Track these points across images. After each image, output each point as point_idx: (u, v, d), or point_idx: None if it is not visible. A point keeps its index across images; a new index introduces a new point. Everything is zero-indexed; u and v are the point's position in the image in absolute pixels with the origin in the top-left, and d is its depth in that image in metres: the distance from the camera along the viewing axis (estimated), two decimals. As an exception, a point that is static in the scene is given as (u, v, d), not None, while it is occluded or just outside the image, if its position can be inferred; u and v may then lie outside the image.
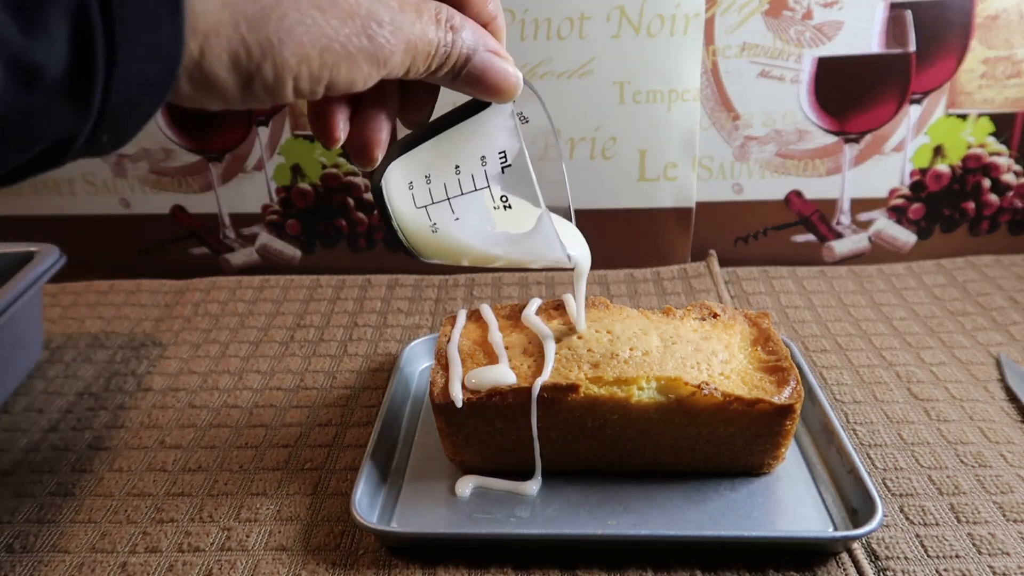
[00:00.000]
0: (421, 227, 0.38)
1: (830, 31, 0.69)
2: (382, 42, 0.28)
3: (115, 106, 0.22)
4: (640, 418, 0.44)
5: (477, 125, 0.36)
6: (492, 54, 0.32)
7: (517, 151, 0.36)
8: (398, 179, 0.38)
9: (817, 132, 0.72)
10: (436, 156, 0.37)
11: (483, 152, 0.36)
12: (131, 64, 0.22)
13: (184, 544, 0.44)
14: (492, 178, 0.37)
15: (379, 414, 0.50)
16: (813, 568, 0.41)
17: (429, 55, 0.30)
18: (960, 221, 0.75)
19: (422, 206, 0.38)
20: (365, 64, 0.28)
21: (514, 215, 0.38)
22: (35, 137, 0.22)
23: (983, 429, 0.50)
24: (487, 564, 0.42)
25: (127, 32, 0.21)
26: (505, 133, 0.36)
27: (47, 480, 0.49)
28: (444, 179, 0.37)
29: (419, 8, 0.29)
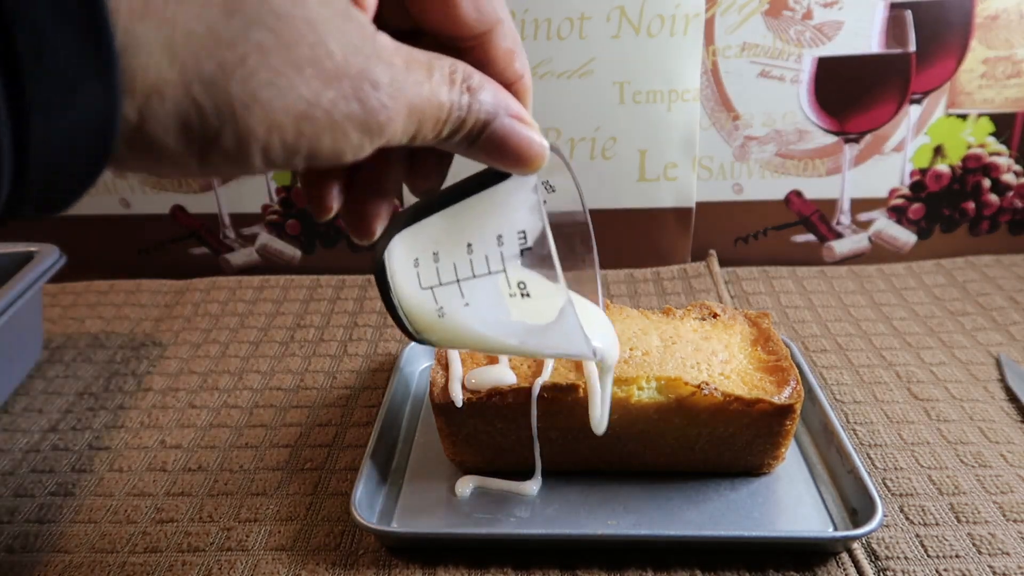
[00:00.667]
0: (426, 310, 0.34)
1: (830, 31, 0.69)
2: (376, 106, 0.23)
3: (36, 181, 0.19)
4: (640, 418, 0.44)
5: (495, 198, 0.31)
6: (515, 119, 0.27)
7: (539, 233, 0.31)
8: (402, 254, 0.33)
9: (817, 132, 0.72)
10: (446, 231, 0.32)
11: (500, 231, 0.31)
12: (49, 135, 0.18)
13: (184, 544, 0.44)
14: (509, 260, 0.32)
15: (379, 414, 0.50)
16: (813, 568, 0.41)
17: (439, 120, 0.25)
18: (960, 221, 0.75)
19: (428, 287, 0.33)
20: (355, 133, 0.23)
21: (533, 303, 0.33)
22: None
23: (983, 429, 0.50)
24: (487, 564, 0.42)
25: (38, 95, 0.17)
26: (526, 210, 0.31)
27: (47, 480, 0.49)
28: (454, 258, 0.32)
29: (430, 66, 0.25)
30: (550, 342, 0.34)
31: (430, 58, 0.25)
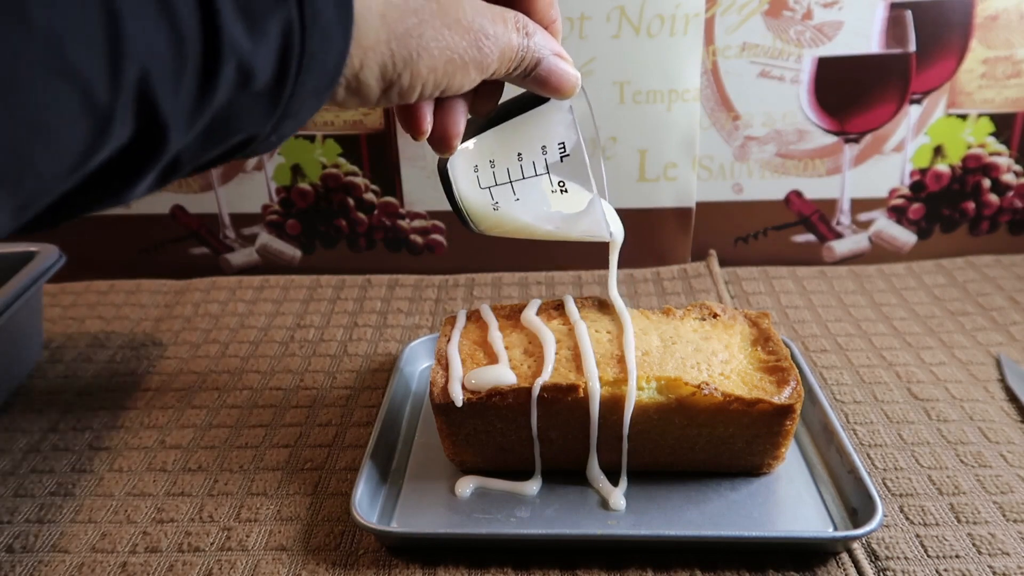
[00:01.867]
0: (483, 205, 0.43)
1: (830, 31, 0.69)
2: (488, 52, 0.32)
3: (291, 110, 0.26)
4: (640, 418, 0.44)
5: (538, 117, 0.40)
6: (558, 57, 0.36)
7: (575, 143, 0.40)
8: (463, 162, 0.42)
9: (817, 132, 0.72)
10: (500, 143, 0.41)
11: (544, 142, 0.41)
12: (310, 74, 0.25)
13: (184, 544, 0.44)
14: (551, 165, 0.41)
15: (379, 414, 0.50)
16: (813, 568, 0.41)
17: (512, 59, 0.34)
18: (960, 221, 0.75)
19: (486, 187, 0.42)
20: (473, 71, 0.32)
21: (568, 197, 0.43)
22: (235, 131, 0.25)
23: (983, 429, 0.50)
24: (487, 564, 0.42)
25: (312, 47, 0.25)
26: (564, 126, 0.40)
27: (47, 480, 0.49)
28: (507, 164, 0.41)
29: (504, 17, 0.33)
30: (580, 226, 0.44)
31: (502, 11, 0.33)
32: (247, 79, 0.23)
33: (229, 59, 0.22)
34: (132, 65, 0.20)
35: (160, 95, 0.21)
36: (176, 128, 0.22)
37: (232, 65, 0.23)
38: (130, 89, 0.20)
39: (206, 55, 0.22)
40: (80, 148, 0.20)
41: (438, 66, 0.30)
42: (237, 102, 0.24)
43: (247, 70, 0.23)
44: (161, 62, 0.21)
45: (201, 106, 0.23)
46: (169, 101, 0.21)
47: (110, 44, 0.19)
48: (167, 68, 0.21)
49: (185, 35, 0.21)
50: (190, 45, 0.21)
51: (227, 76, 0.23)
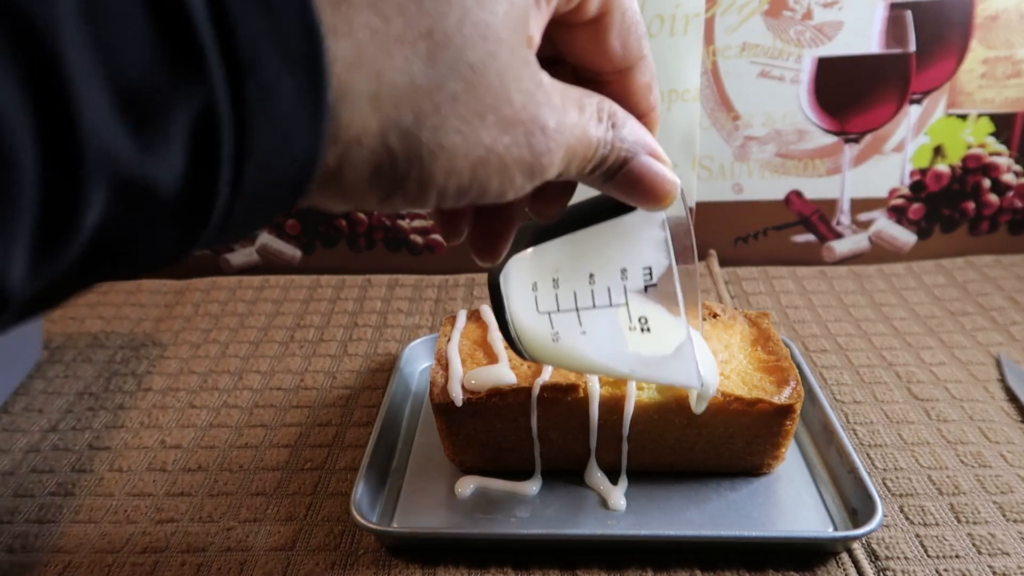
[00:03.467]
0: (540, 333, 0.34)
1: (830, 31, 0.69)
2: (543, 150, 0.23)
3: (231, 222, 0.19)
4: (640, 418, 0.44)
5: (620, 231, 0.31)
6: (651, 157, 0.27)
7: (665, 269, 0.31)
8: (520, 276, 0.34)
9: (817, 132, 0.72)
10: (567, 258, 0.33)
11: (624, 264, 0.32)
12: (257, 180, 0.18)
13: (184, 544, 0.44)
14: (631, 294, 0.32)
15: (379, 414, 0.50)
16: (813, 568, 0.41)
17: (587, 157, 0.26)
18: (960, 221, 0.75)
19: (545, 312, 0.34)
20: (520, 176, 0.23)
21: (651, 337, 0.33)
22: (134, 258, 0.18)
23: (983, 429, 0.50)
24: (487, 564, 0.42)
25: (259, 143, 0.18)
26: (652, 246, 0.31)
27: (47, 480, 0.49)
28: (575, 287, 0.33)
29: (581, 103, 0.25)
30: (662, 373, 0.35)
31: (580, 94, 0.25)
32: (139, 201, 0.16)
33: (96, 182, 0.15)
34: None
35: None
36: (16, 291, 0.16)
37: (103, 188, 0.15)
38: None
39: (54, 183, 0.15)
40: None
41: (462, 169, 0.22)
42: (125, 229, 0.17)
43: (134, 186, 0.16)
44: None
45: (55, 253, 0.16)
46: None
47: None
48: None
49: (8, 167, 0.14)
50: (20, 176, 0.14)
51: (96, 204, 0.16)
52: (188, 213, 0.17)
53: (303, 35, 0.17)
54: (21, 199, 0.14)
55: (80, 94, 0.14)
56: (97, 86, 0.14)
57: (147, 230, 0.17)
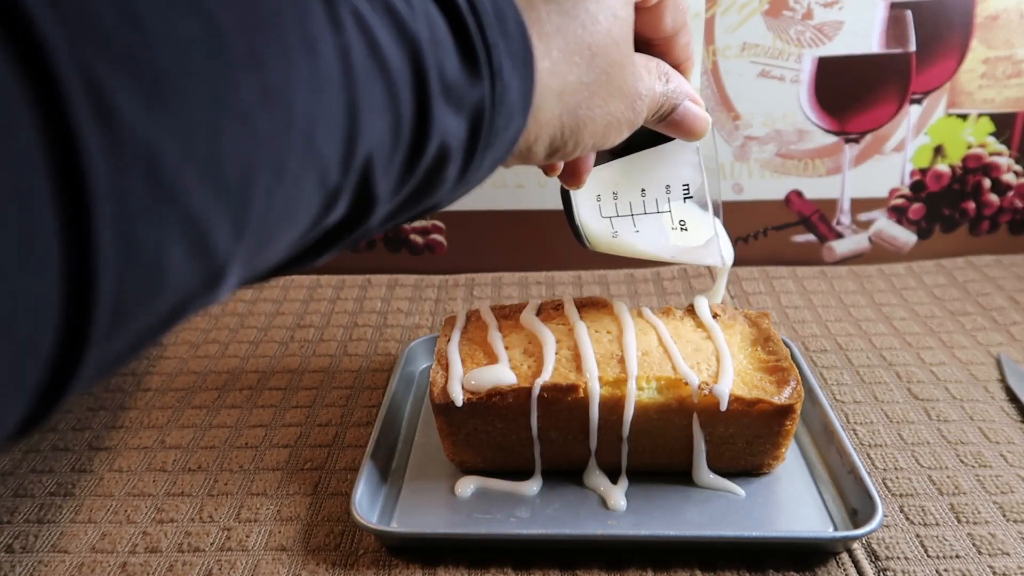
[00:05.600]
0: (602, 232, 0.44)
1: (830, 31, 0.69)
2: (641, 111, 0.33)
3: (469, 180, 0.27)
4: (640, 418, 0.44)
5: (664, 155, 0.41)
6: (692, 102, 0.37)
7: (699, 185, 0.41)
8: (586, 189, 0.42)
9: (817, 132, 0.72)
10: (624, 176, 0.42)
11: (668, 181, 0.41)
12: (491, 149, 0.26)
13: (184, 544, 0.44)
14: (673, 203, 0.42)
15: (379, 414, 0.50)
16: (813, 568, 0.41)
17: (653, 109, 0.35)
18: (960, 221, 0.75)
19: (607, 216, 0.43)
20: (626, 130, 0.33)
21: (687, 234, 0.44)
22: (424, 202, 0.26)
23: (983, 429, 0.50)
24: (487, 564, 0.42)
25: (498, 125, 0.26)
26: (690, 168, 0.41)
27: (47, 480, 0.49)
28: (630, 198, 0.42)
29: (648, 67, 0.34)
30: (694, 256, 0.45)
31: (646, 60, 0.35)
32: (445, 156, 0.24)
33: (434, 140, 0.23)
34: (362, 151, 0.21)
35: (377, 176, 0.22)
36: (382, 204, 0.23)
37: (435, 144, 0.24)
38: (356, 172, 0.21)
39: (416, 138, 0.23)
40: (306, 228, 0.21)
41: (599, 131, 0.31)
42: (432, 177, 0.25)
43: (446, 148, 0.24)
44: (383, 146, 0.22)
45: (403, 183, 0.24)
46: (382, 181, 0.22)
47: (349, 132, 0.20)
48: (386, 151, 0.22)
49: (403, 121, 0.22)
50: (405, 129, 0.22)
51: (429, 155, 0.24)
52: (460, 166, 0.26)
53: (524, 55, 0.26)
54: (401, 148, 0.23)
55: (432, 89, 0.23)
56: (437, 83, 0.23)
57: (441, 175, 0.25)
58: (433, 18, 0.23)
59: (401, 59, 0.22)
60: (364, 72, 0.20)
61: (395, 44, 0.21)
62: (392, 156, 0.22)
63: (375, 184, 0.22)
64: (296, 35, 0.19)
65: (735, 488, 0.45)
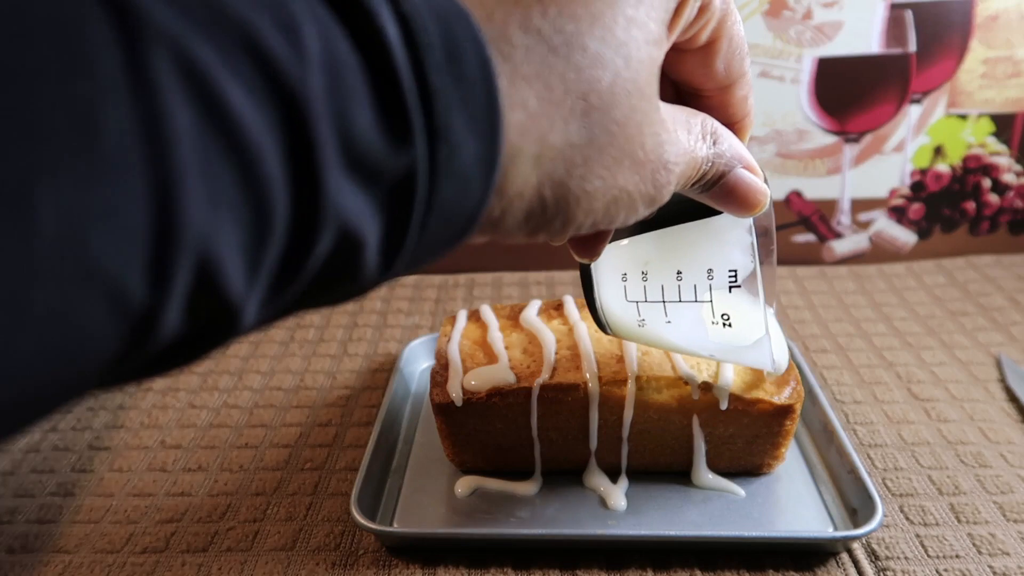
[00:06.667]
0: (627, 319, 0.36)
1: (830, 31, 0.69)
2: (664, 184, 0.25)
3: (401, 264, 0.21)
4: (640, 418, 0.44)
5: (709, 232, 0.33)
6: (746, 170, 0.29)
7: (750, 272, 0.33)
8: (610, 264, 0.35)
9: (817, 132, 0.72)
10: (657, 252, 0.34)
11: (711, 264, 0.33)
12: (433, 229, 0.20)
13: (184, 544, 0.44)
14: (716, 292, 0.34)
15: (379, 414, 0.50)
16: (813, 568, 0.41)
17: (691, 177, 0.27)
18: (960, 221, 0.75)
19: (633, 301, 0.36)
20: (642, 207, 0.26)
21: (731, 331, 0.35)
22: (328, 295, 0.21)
23: (983, 429, 0.50)
24: (487, 564, 0.42)
25: (442, 197, 0.20)
26: (739, 250, 0.33)
27: (47, 480, 0.49)
28: (662, 280, 0.34)
29: (688, 125, 0.27)
30: (739, 358, 0.37)
31: (687, 116, 0.27)
32: (352, 245, 0.18)
33: (327, 227, 0.17)
34: (186, 255, 0.15)
35: (227, 283, 0.16)
36: (249, 312, 0.18)
37: (331, 232, 0.18)
38: (184, 283, 0.15)
39: (297, 226, 0.17)
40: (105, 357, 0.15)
41: (598, 208, 0.24)
42: (336, 270, 0.19)
43: (352, 235, 0.18)
44: (232, 245, 0.16)
45: (284, 282, 0.18)
46: (239, 287, 0.17)
47: (157, 233, 0.15)
48: (240, 250, 0.16)
49: (270, 207, 0.16)
50: (275, 217, 0.17)
51: (324, 246, 0.18)
52: (383, 253, 0.20)
53: (486, 105, 0.20)
54: (271, 242, 0.17)
55: (325, 159, 0.17)
56: (335, 150, 0.17)
57: (351, 269, 0.19)
58: (338, 58, 0.17)
59: (266, 123, 0.16)
60: (189, 147, 0.15)
61: (257, 102, 0.16)
62: (255, 253, 0.17)
63: (225, 292, 0.16)
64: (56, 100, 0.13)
65: (735, 488, 0.45)
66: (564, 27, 0.22)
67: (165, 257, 0.15)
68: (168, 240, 0.15)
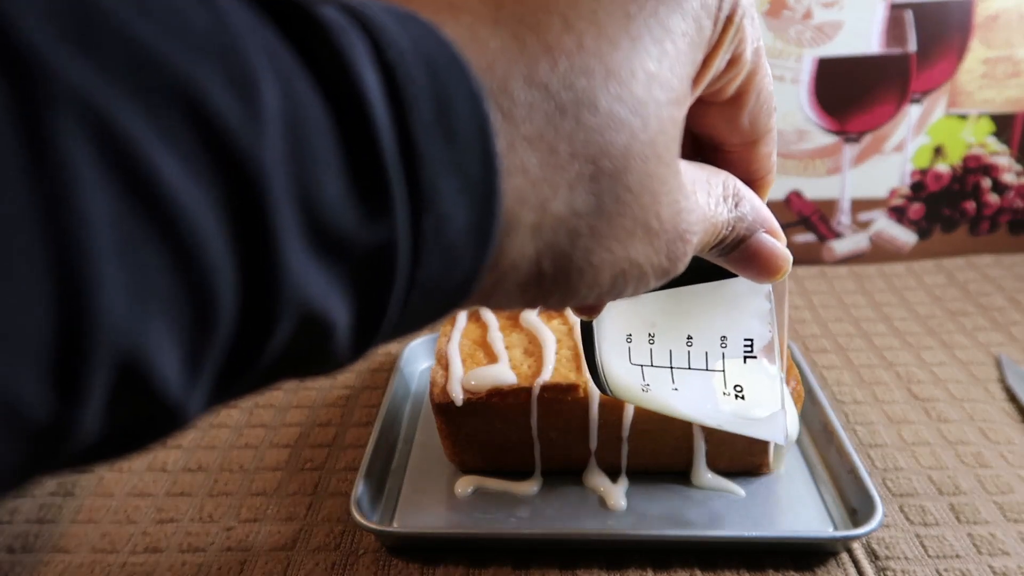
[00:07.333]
0: (630, 381, 0.34)
1: (830, 31, 0.69)
2: (680, 256, 0.23)
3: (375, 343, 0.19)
4: (640, 418, 0.44)
5: (724, 296, 0.30)
6: (768, 235, 0.27)
7: (767, 343, 0.30)
8: (614, 323, 0.33)
9: (817, 132, 0.72)
10: (665, 314, 0.32)
11: (725, 331, 0.31)
12: (420, 302, 0.18)
13: (184, 544, 0.44)
14: (729, 361, 0.31)
15: (379, 414, 0.50)
16: (813, 568, 0.41)
17: (709, 243, 0.25)
18: (960, 221, 0.76)
19: (638, 364, 0.33)
20: (654, 280, 0.23)
21: (743, 404, 0.33)
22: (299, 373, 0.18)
23: (983, 429, 0.50)
24: (487, 564, 0.42)
25: (427, 272, 0.17)
26: (756, 319, 0.30)
27: (47, 480, 0.49)
28: (671, 345, 0.32)
29: (708, 185, 0.24)
30: (750, 430, 0.34)
31: (707, 175, 0.24)
32: (317, 329, 0.16)
33: (286, 313, 0.15)
34: (104, 357, 0.13)
35: (162, 384, 0.14)
36: (193, 407, 0.15)
37: (290, 319, 0.15)
38: (102, 387, 0.13)
39: (249, 315, 0.15)
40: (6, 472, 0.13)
41: (602, 283, 0.21)
42: (298, 352, 0.17)
43: (317, 319, 0.16)
44: (165, 343, 0.14)
45: (238, 375, 0.16)
46: (177, 387, 0.14)
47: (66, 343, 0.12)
48: (175, 348, 0.14)
49: (212, 293, 0.14)
50: (221, 306, 0.14)
51: (282, 333, 0.16)
52: (356, 335, 0.17)
53: (482, 170, 0.17)
54: (216, 336, 0.14)
55: (282, 236, 0.14)
56: (296, 225, 0.15)
57: (318, 353, 0.17)
58: (303, 119, 0.14)
59: (208, 199, 0.13)
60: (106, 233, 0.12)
61: (196, 175, 0.13)
62: (197, 351, 0.14)
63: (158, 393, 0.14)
64: None
65: (735, 488, 0.45)
66: (575, 83, 0.19)
67: (75, 362, 0.12)
68: (78, 343, 0.12)
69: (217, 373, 0.15)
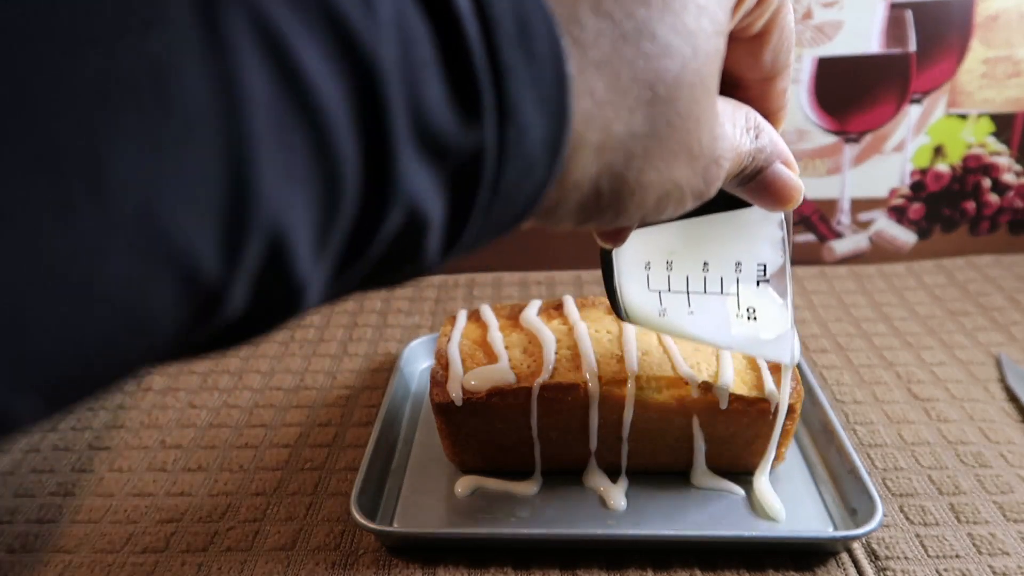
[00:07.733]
0: (648, 307, 0.36)
1: (830, 31, 0.69)
2: (714, 179, 0.25)
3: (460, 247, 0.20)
4: (640, 418, 0.44)
5: (739, 225, 0.32)
6: (784, 165, 0.29)
7: (779, 267, 0.33)
8: (633, 253, 0.34)
9: (817, 132, 0.72)
10: (683, 242, 0.33)
11: (740, 257, 0.33)
12: (498, 208, 0.20)
13: (184, 544, 0.44)
14: (743, 285, 0.33)
15: (379, 414, 0.50)
16: (813, 568, 0.41)
17: (734, 173, 0.27)
18: (960, 221, 0.75)
19: (656, 290, 0.35)
20: (691, 201, 0.25)
21: (755, 325, 0.35)
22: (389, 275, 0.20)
23: (983, 429, 0.50)
24: (487, 564, 0.42)
25: (506, 181, 0.19)
26: (770, 244, 0.32)
27: (47, 480, 0.49)
28: (688, 271, 0.33)
29: (734, 118, 0.26)
30: (758, 351, 0.36)
31: (733, 109, 0.26)
32: (418, 226, 0.18)
33: (396, 206, 0.17)
34: (259, 230, 0.14)
35: (295, 260, 0.15)
36: (313, 291, 0.17)
37: (400, 212, 0.17)
38: (254, 259, 0.15)
39: (367, 205, 0.16)
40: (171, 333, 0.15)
41: (648, 203, 0.23)
42: (398, 252, 0.18)
43: (419, 215, 0.17)
44: (302, 221, 0.15)
45: (347, 265, 0.17)
46: (306, 265, 0.16)
47: (232, 206, 0.14)
48: (309, 227, 0.15)
49: (341, 183, 0.15)
50: (346, 194, 0.16)
51: (391, 226, 0.17)
52: (445, 235, 0.19)
53: (556, 87, 0.18)
54: (341, 220, 0.16)
55: (397, 132, 0.16)
56: (406, 124, 0.16)
57: (414, 250, 0.19)
58: (410, 28, 0.16)
59: (341, 92, 0.15)
60: (265, 114, 0.14)
61: (332, 70, 0.15)
62: (324, 232, 0.16)
63: (292, 269, 0.16)
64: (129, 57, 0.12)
65: (735, 488, 0.45)
66: (635, 12, 0.20)
67: (238, 233, 0.14)
68: (242, 215, 0.14)
69: (336, 258, 0.17)
